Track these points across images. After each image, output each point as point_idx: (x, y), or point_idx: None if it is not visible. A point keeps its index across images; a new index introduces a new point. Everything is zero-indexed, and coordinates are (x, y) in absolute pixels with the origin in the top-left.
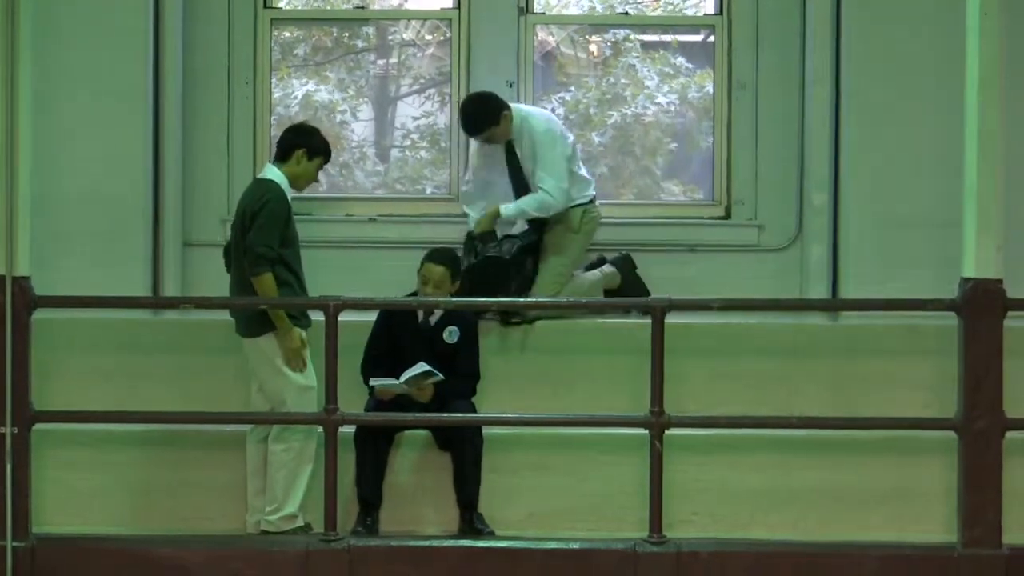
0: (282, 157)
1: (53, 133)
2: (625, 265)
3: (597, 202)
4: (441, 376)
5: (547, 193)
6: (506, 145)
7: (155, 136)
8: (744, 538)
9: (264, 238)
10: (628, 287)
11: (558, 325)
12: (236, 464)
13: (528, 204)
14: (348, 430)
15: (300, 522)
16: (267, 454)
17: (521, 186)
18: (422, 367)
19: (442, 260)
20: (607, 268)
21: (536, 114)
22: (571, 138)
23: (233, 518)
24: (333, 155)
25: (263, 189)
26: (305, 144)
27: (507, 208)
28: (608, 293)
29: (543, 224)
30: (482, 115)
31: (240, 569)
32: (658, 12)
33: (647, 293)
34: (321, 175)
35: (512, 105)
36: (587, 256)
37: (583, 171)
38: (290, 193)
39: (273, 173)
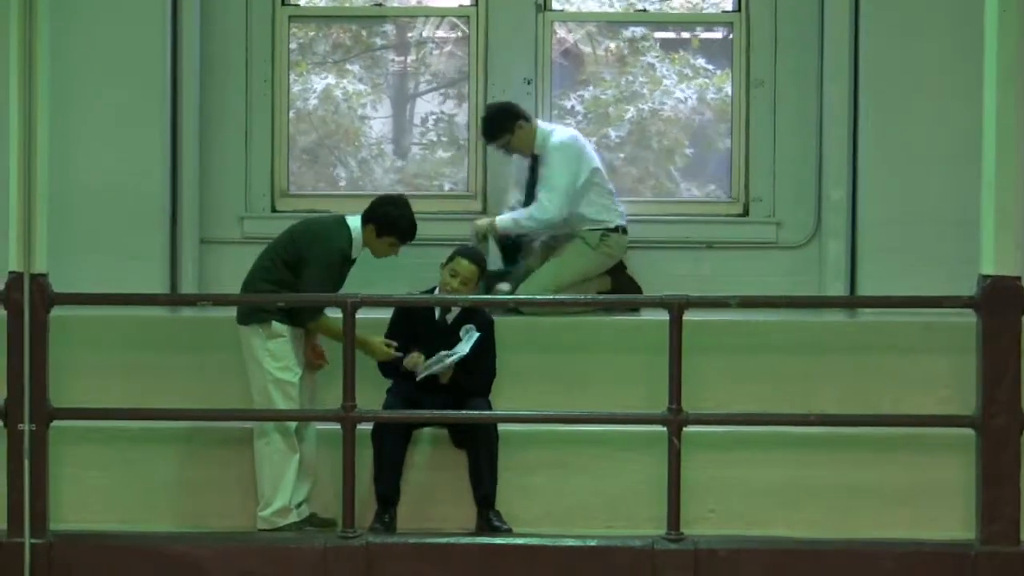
0: (363, 221)
1: (71, 130)
2: (615, 270)
3: (626, 235)
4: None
5: (539, 205)
6: (531, 160)
7: (173, 133)
8: (762, 535)
9: (320, 284)
10: (621, 288)
11: (575, 322)
12: (252, 461)
13: (520, 215)
14: (365, 427)
15: (295, 516)
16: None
17: (528, 202)
18: (450, 356)
19: (475, 260)
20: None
21: (557, 132)
22: (593, 166)
23: (251, 515)
24: (351, 152)
25: (336, 237)
26: (374, 222)
27: (503, 219)
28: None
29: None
30: (497, 123)
31: (257, 567)
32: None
33: (640, 292)
34: (339, 171)
35: (540, 123)
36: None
37: (616, 202)
38: (359, 249)
39: (354, 226)
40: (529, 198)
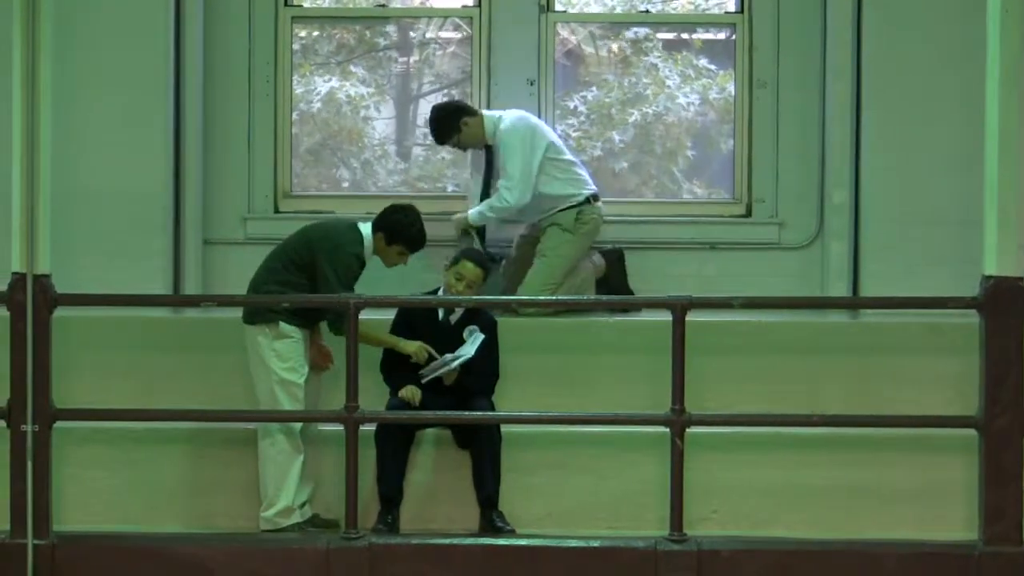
0: (373, 229)
1: (74, 131)
2: (614, 260)
3: (598, 203)
4: (461, 357)
5: (499, 195)
6: (487, 151)
7: (176, 134)
8: (764, 536)
9: (341, 287)
10: (613, 282)
11: (577, 323)
12: (256, 462)
13: (484, 207)
14: (369, 428)
15: (298, 516)
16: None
17: (485, 191)
18: (454, 359)
19: (480, 262)
20: (596, 259)
21: (506, 117)
22: (547, 141)
23: (255, 516)
24: (354, 152)
25: (350, 242)
26: (384, 230)
27: (472, 214)
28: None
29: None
30: (442, 125)
31: (260, 567)
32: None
33: (631, 293)
34: (342, 172)
35: (486, 112)
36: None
37: (578, 171)
38: (370, 255)
39: (366, 232)
40: (487, 188)
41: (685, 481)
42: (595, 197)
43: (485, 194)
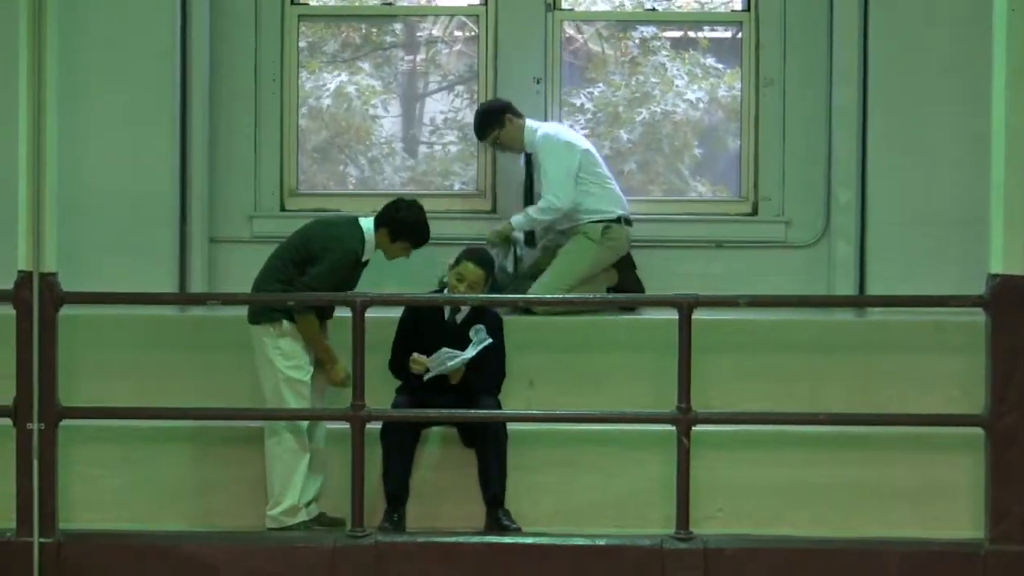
0: (377, 224)
1: (80, 130)
2: (624, 264)
3: (629, 226)
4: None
5: (545, 198)
6: (526, 158)
7: (182, 133)
8: (770, 534)
9: (321, 281)
10: (626, 286)
11: (583, 322)
12: (262, 460)
13: (531, 209)
14: (375, 426)
15: (304, 515)
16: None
17: (529, 200)
18: (456, 357)
19: (482, 263)
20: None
21: (544, 127)
22: (583, 147)
23: (260, 514)
24: (360, 150)
25: (347, 238)
26: (389, 227)
27: (516, 219)
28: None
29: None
30: (486, 118)
31: (266, 566)
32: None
33: (644, 290)
34: (349, 170)
35: (529, 120)
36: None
37: (614, 190)
38: (371, 250)
39: (367, 228)
40: (527, 197)
41: (691, 479)
42: (627, 221)
43: (528, 202)
